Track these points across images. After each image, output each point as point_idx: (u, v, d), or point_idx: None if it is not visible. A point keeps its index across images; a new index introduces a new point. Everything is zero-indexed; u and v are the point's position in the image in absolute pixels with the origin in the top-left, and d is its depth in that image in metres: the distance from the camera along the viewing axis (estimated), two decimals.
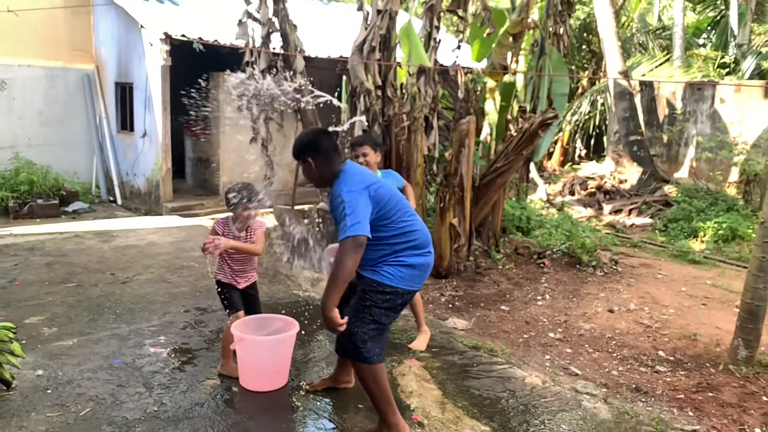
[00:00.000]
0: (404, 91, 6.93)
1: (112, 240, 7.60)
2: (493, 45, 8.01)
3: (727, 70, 14.11)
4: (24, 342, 4.13)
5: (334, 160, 3.09)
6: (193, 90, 7.84)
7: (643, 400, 3.89)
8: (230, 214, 3.77)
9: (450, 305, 5.61)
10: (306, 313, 5.04)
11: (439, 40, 7.26)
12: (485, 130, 8.22)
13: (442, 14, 7.46)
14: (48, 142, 10.42)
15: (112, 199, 10.72)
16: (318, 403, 3.58)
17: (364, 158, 4.21)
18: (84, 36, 10.87)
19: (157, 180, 9.76)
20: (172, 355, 4.16)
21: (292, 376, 3.82)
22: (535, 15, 9.28)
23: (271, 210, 8.85)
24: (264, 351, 3.65)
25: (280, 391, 3.67)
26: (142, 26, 9.38)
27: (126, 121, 10.67)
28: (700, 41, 17.20)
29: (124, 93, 10.59)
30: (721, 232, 8.57)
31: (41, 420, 3.24)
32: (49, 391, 3.56)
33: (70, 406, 3.39)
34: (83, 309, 5.01)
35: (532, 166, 10.99)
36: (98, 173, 10.90)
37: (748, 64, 13.62)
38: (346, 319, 2.94)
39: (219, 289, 3.80)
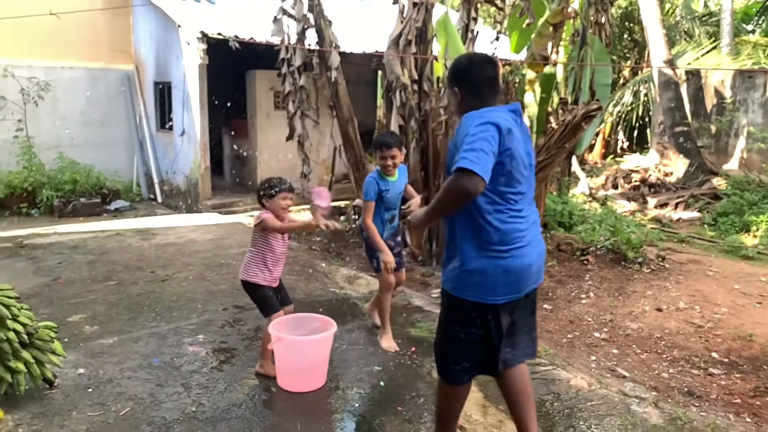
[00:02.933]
0: (441, 84, 6.79)
1: (152, 238, 7.70)
2: (533, 35, 7.78)
3: None
4: (66, 340, 4.18)
5: (485, 97, 2.55)
6: (230, 88, 7.87)
7: (696, 404, 3.70)
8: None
9: None
10: (344, 312, 4.99)
11: (477, 32, 7.10)
12: None
13: (479, 5, 7.29)
14: (90, 141, 10.64)
15: (152, 197, 10.90)
16: (356, 405, 3.51)
17: (392, 161, 3.96)
18: (123, 37, 11.06)
19: (196, 178, 9.87)
20: (211, 354, 4.15)
21: (330, 376, 3.76)
22: (575, 4, 8.99)
23: (309, 207, 8.84)
24: (302, 351, 3.59)
25: (318, 392, 3.62)
26: (179, 26, 9.48)
27: (165, 120, 10.82)
28: (749, 27, 16.51)
29: (163, 92, 10.74)
30: None
31: (82, 419, 3.25)
32: (90, 390, 3.58)
33: (110, 405, 3.40)
34: (124, 307, 5.06)
35: (573, 159, 10.70)
36: (139, 172, 11.09)
37: None
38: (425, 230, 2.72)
39: (254, 295, 3.73)
